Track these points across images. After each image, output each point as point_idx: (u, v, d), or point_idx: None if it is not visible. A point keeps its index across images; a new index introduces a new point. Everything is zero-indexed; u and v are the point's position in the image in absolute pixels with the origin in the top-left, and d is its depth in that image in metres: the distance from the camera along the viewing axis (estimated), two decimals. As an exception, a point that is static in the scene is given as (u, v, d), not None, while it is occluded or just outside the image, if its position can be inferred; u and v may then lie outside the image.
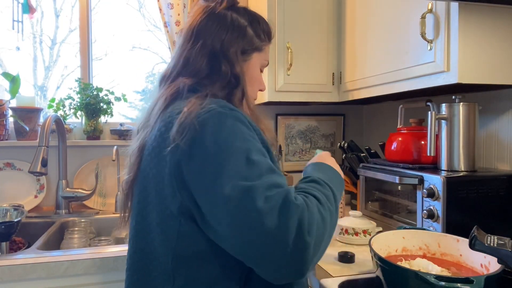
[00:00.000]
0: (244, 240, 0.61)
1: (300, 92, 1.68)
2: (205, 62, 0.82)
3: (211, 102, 0.72)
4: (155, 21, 2.17)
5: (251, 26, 0.88)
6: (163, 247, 0.72)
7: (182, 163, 0.68)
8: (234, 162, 0.65)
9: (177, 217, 0.70)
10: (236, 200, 0.61)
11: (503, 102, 1.26)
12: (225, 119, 0.69)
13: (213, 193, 0.64)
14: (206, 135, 0.67)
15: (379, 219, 1.43)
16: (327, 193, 0.73)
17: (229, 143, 0.66)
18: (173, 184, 0.69)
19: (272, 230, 0.59)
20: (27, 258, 1.11)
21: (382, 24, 1.36)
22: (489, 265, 0.83)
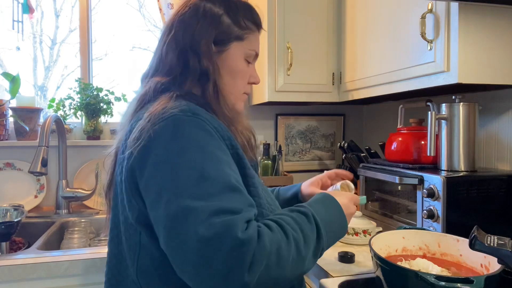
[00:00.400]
0: (181, 262, 0.56)
1: (300, 92, 1.68)
2: (175, 58, 0.77)
3: (174, 105, 0.67)
4: (155, 21, 2.17)
5: (227, 14, 0.80)
6: (129, 258, 0.71)
7: (135, 171, 0.65)
8: (184, 177, 0.59)
9: (136, 228, 0.68)
10: (176, 220, 0.56)
11: (503, 102, 1.26)
12: (183, 126, 0.64)
13: (156, 207, 0.60)
14: (159, 145, 0.63)
15: (379, 219, 1.43)
16: (307, 233, 0.65)
17: (181, 155, 0.61)
18: (129, 192, 0.67)
19: (207, 261, 0.54)
20: (27, 258, 1.11)
21: (382, 24, 1.36)
22: (489, 265, 0.83)
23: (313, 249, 0.66)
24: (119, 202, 0.73)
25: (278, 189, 1.12)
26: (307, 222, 0.67)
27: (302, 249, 0.63)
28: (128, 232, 0.71)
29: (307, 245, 0.64)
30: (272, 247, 0.58)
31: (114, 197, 0.76)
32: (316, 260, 0.68)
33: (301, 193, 1.05)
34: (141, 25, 2.16)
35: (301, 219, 0.67)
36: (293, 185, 1.10)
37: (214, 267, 0.53)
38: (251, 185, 0.72)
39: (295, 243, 0.62)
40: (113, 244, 0.77)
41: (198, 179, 0.59)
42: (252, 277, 0.55)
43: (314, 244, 0.66)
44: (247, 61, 0.85)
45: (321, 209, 0.72)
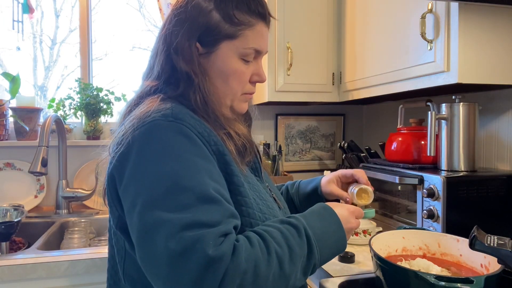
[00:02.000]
0: (151, 274, 0.55)
1: (300, 92, 1.68)
2: (163, 61, 0.74)
3: (158, 109, 0.65)
4: (155, 21, 2.17)
5: (218, 9, 0.72)
6: (118, 261, 0.71)
7: (114, 177, 0.64)
8: (158, 187, 0.57)
9: (120, 234, 0.68)
10: (147, 231, 0.55)
11: (503, 102, 1.26)
12: (161, 133, 0.61)
13: (131, 216, 0.59)
14: (135, 151, 0.61)
15: (379, 219, 1.43)
16: (294, 249, 0.61)
17: (156, 163, 0.59)
18: (109, 198, 0.66)
19: (174, 276, 0.52)
20: (27, 258, 1.11)
21: (382, 24, 1.36)
22: (489, 265, 0.83)
23: (302, 266, 0.62)
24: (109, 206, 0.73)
25: (299, 183, 1.07)
26: (297, 236, 0.63)
27: (286, 267, 0.59)
28: (115, 238, 0.71)
29: (293, 262, 0.60)
30: (249, 264, 0.55)
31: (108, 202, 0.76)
32: (306, 277, 0.64)
33: (321, 188, 0.99)
34: (141, 25, 2.16)
35: (290, 232, 0.63)
36: (313, 179, 1.03)
37: (184, 282, 0.51)
38: (238, 193, 0.68)
39: (278, 259, 0.58)
40: (110, 244, 0.77)
41: (173, 189, 0.57)
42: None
43: (303, 260, 0.62)
44: (245, 60, 0.77)
45: (316, 222, 0.68)
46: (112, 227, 0.72)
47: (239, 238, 0.58)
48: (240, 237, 0.59)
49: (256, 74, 0.80)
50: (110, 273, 0.78)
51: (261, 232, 0.61)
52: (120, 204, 0.65)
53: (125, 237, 0.67)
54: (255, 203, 0.70)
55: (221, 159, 0.67)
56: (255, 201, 0.71)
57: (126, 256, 0.69)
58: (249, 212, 0.68)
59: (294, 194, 1.05)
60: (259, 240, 0.59)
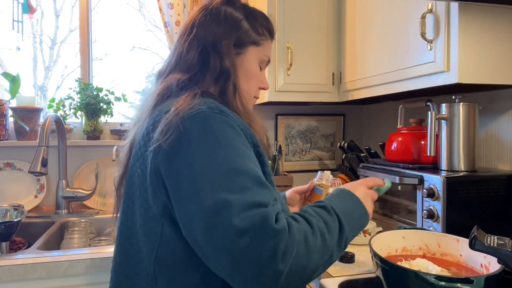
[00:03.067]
0: (216, 254, 0.58)
1: (300, 92, 1.68)
2: (196, 56, 0.80)
3: (201, 102, 0.69)
4: (155, 21, 2.17)
5: (246, 20, 0.85)
6: (146, 250, 0.71)
7: (162, 165, 0.66)
8: (217, 171, 0.61)
9: (159, 219, 0.68)
10: (212, 213, 0.58)
11: (503, 102, 1.26)
12: (212, 122, 0.65)
13: (190, 201, 0.61)
14: (190, 139, 0.64)
15: (379, 219, 1.43)
16: (329, 223, 0.67)
17: (212, 150, 0.63)
18: (155, 184, 0.67)
19: (244, 251, 0.56)
20: (27, 258, 1.11)
21: (382, 24, 1.36)
22: (489, 265, 0.83)
23: (337, 238, 0.68)
24: (136, 194, 0.73)
25: None
26: (327, 214, 0.69)
27: (327, 238, 0.65)
28: (148, 225, 0.70)
29: (331, 235, 0.66)
30: (300, 236, 0.60)
31: (128, 190, 0.76)
32: (341, 250, 0.70)
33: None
34: (141, 25, 2.16)
35: (321, 212, 0.69)
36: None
37: (250, 257, 0.56)
38: (269, 182, 0.73)
39: (320, 232, 0.64)
40: (124, 237, 0.77)
41: (230, 173, 0.61)
42: (285, 266, 0.57)
43: (337, 233, 0.68)
44: (260, 66, 0.89)
45: (338, 203, 0.74)
46: (145, 215, 0.71)
47: (286, 216, 0.64)
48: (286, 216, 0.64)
49: (262, 81, 0.92)
50: (120, 268, 0.77)
51: (300, 213, 0.68)
52: (165, 190, 0.66)
53: (167, 223, 0.68)
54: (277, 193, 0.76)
55: (255, 151, 0.72)
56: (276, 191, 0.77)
57: (162, 242, 0.69)
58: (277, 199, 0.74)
59: None
60: (301, 218, 0.65)
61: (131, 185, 0.75)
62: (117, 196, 0.85)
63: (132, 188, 0.75)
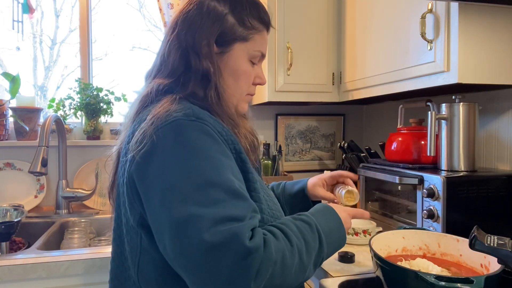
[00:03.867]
0: (185, 269, 0.56)
1: (300, 92, 1.68)
2: (178, 59, 0.75)
3: (178, 108, 0.66)
4: (155, 21, 2.17)
5: (232, 13, 0.78)
6: (130, 260, 0.71)
7: (136, 175, 0.65)
8: (189, 183, 0.58)
9: (137, 230, 0.68)
10: (181, 226, 0.56)
11: (503, 102, 1.26)
12: (186, 132, 0.63)
13: (159, 213, 0.59)
14: (163, 149, 0.62)
15: (379, 219, 1.43)
16: (310, 242, 0.66)
17: (185, 161, 0.60)
18: (130, 195, 0.67)
19: (212, 268, 0.54)
20: (27, 258, 1.11)
21: (382, 24, 1.36)
22: (489, 265, 0.83)
23: (314, 258, 0.67)
24: (121, 203, 0.73)
25: (284, 184, 1.11)
26: (310, 231, 0.67)
27: (304, 258, 0.63)
28: (130, 235, 0.71)
29: (309, 255, 0.65)
30: (278, 255, 0.58)
31: (117, 198, 0.76)
32: (315, 269, 0.69)
33: (307, 190, 1.03)
34: (141, 25, 2.16)
35: (304, 228, 0.67)
36: (299, 181, 1.08)
37: (220, 275, 0.54)
38: (253, 190, 0.71)
39: (298, 252, 0.62)
40: (115, 244, 0.77)
41: (202, 185, 0.58)
42: (258, 286, 0.55)
43: (315, 253, 0.67)
44: (252, 62, 0.83)
45: (322, 220, 0.72)
46: (127, 225, 0.71)
47: (265, 232, 0.62)
48: (265, 231, 0.62)
49: (258, 76, 0.85)
50: (114, 273, 0.77)
51: (281, 227, 0.65)
52: (140, 201, 0.65)
53: (144, 234, 0.67)
54: (264, 199, 0.74)
55: (238, 157, 0.70)
56: (264, 198, 0.74)
57: (142, 253, 0.68)
58: (262, 208, 0.71)
59: (280, 194, 1.08)
60: (281, 234, 0.63)
61: (118, 194, 0.74)
62: (111, 202, 0.85)
63: (119, 197, 0.74)
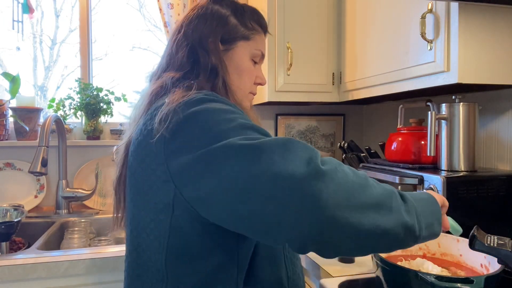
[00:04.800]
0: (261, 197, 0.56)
1: (300, 92, 1.68)
2: (185, 55, 0.81)
3: (197, 91, 0.70)
4: (155, 21, 2.17)
5: (234, 15, 0.85)
6: (156, 244, 0.71)
7: (173, 150, 0.65)
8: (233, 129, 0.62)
9: (169, 210, 0.68)
10: (252, 149, 0.58)
11: (503, 102, 1.26)
12: (210, 103, 0.66)
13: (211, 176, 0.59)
14: (196, 116, 0.64)
15: (379, 219, 1.43)
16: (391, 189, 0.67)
17: (221, 117, 0.64)
18: (165, 174, 0.66)
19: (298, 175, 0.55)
20: (27, 258, 1.11)
21: (382, 24, 1.36)
22: (489, 265, 0.83)
23: (403, 206, 0.64)
24: (141, 191, 0.72)
25: None
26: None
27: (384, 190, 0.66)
28: (158, 218, 0.69)
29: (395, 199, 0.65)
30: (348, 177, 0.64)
31: (132, 189, 0.75)
32: (411, 218, 0.62)
33: None
34: (141, 25, 2.16)
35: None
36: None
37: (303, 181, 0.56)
38: None
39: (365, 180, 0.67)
40: (133, 236, 0.76)
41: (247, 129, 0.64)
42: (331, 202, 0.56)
43: (387, 193, 0.67)
44: (254, 61, 0.88)
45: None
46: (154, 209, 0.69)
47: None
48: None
49: (258, 76, 0.91)
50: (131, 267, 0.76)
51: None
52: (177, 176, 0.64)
53: (179, 210, 0.66)
54: None
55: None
56: None
57: (171, 232, 0.68)
58: None
59: None
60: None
61: (134, 184, 0.74)
62: (117, 198, 0.85)
63: (136, 186, 0.74)
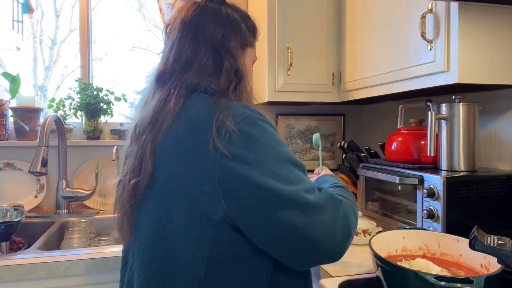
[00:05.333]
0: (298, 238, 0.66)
1: (300, 92, 1.68)
2: (210, 58, 0.80)
3: (239, 106, 0.72)
4: (155, 21, 2.17)
5: (243, 22, 0.86)
6: (192, 253, 0.69)
7: (229, 170, 0.66)
8: (283, 166, 0.68)
9: (215, 225, 0.68)
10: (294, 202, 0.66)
11: (503, 102, 1.26)
12: (262, 124, 0.70)
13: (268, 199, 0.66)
14: (253, 142, 0.68)
15: (379, 219, 1.43)
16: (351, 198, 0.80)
17: (274, 149, 0.69)
18: (217, 192, 0.66)
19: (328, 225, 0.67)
20: (27, 258, 1.11)
21: (382, 24, 1.36)
22: (489, 265, 0.83)
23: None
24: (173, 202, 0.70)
25: None
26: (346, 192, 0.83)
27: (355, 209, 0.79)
28: (199, 229, 0.68)
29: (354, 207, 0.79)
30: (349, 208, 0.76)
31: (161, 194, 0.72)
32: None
33: None
34: (141, 25, 2.16)
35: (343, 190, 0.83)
36: None
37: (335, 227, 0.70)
38: None
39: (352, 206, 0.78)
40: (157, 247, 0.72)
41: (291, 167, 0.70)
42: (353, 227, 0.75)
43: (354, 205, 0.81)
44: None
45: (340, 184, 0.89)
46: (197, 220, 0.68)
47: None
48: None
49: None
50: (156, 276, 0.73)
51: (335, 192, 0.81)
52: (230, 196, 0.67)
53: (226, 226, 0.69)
54: None
55: None
56: None
57: (214, 243, 0.69)
58: None
59: None
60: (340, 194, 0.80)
61: (167, 193, 0.71)
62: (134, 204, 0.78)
63: (169, 196, 0.71)
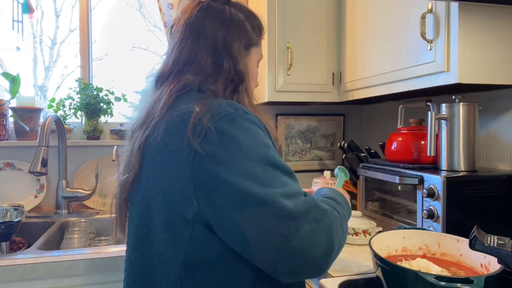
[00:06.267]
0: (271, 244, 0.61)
1: (300, 92, 1.68)
2: (210, 59, 0.79)
3: (223, 103, 0.69)
4: (155, 21, 2.17)
5: (248, 21, 0.85)
6: (170, 253, 0.69)
7: (202, 169, 0.64)
8: (260, 168, 0.64)
9: (190, 224, 0.67)
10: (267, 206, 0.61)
11: (503, 102, 1.26)
12: (243, 123, 0.67)
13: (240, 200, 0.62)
14: (229, 141, 0.64)
15: (379, 219, 1.43)
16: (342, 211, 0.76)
17: (252, 149, 0.65)
18: (190, 190, 0.66)
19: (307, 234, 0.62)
20: (27, 258, 1.11)
21: (382, 24, 1.36)
22: (489, 265, 0.83)
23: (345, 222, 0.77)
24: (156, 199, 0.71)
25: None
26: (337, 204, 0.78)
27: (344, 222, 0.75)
28: (176, 229, 0.68)
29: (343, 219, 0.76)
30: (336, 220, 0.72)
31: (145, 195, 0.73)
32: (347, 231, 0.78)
33: None
34: (141, 25, 2.16)
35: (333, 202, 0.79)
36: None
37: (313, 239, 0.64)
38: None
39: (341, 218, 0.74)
40: (140, 243, 0.74)
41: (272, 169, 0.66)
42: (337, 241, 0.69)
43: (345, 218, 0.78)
44: (257, 65, 0.91)
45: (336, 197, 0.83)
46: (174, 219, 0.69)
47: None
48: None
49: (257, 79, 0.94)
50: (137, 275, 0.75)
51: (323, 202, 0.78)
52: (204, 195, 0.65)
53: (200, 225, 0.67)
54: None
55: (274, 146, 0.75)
56: None
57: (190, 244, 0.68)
58: None
59: None
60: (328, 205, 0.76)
61: (148, 190, 0.73)
62: (123, 200, 0.82)
63: (150, 193, 0.72)
